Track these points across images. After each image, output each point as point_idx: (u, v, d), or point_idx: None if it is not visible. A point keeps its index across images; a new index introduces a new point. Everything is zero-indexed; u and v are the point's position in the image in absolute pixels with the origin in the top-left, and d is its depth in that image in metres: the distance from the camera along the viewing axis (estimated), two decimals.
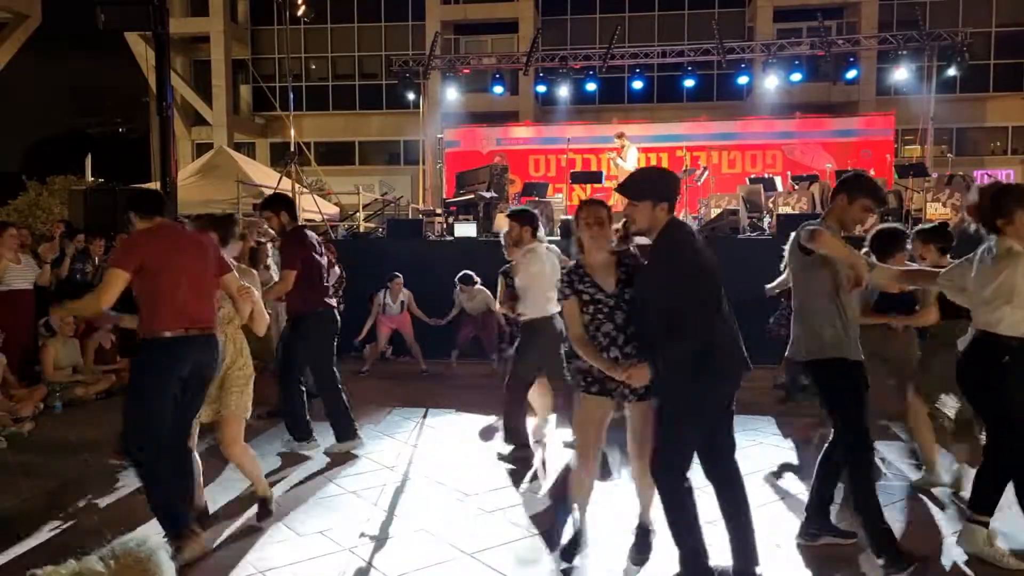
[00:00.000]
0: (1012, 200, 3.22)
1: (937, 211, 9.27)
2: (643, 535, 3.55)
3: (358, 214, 12.89)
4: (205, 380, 3.62)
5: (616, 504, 4.08)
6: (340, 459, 5.12)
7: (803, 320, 3.51)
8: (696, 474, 3.24)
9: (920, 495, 4.39)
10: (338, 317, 5.40)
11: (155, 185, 10.71)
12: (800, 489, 4.51)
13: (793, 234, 3.49)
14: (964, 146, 23.36)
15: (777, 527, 3.94)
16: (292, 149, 12.64)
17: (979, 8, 23.07)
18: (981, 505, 3.43)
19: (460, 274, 7.98)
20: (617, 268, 3.29)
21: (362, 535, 3.85)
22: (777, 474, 4.85)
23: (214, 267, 3.64)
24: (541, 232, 5.10)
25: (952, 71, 14.37)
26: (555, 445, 5.43)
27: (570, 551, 3.51)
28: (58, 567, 1.23)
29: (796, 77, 14.48)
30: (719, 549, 3.28)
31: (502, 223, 6.68)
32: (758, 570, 3.16)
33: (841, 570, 3.44)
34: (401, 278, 8.24)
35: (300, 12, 13.86)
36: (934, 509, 4.20)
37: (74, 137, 35.26)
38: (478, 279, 7.94)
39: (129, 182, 14.33)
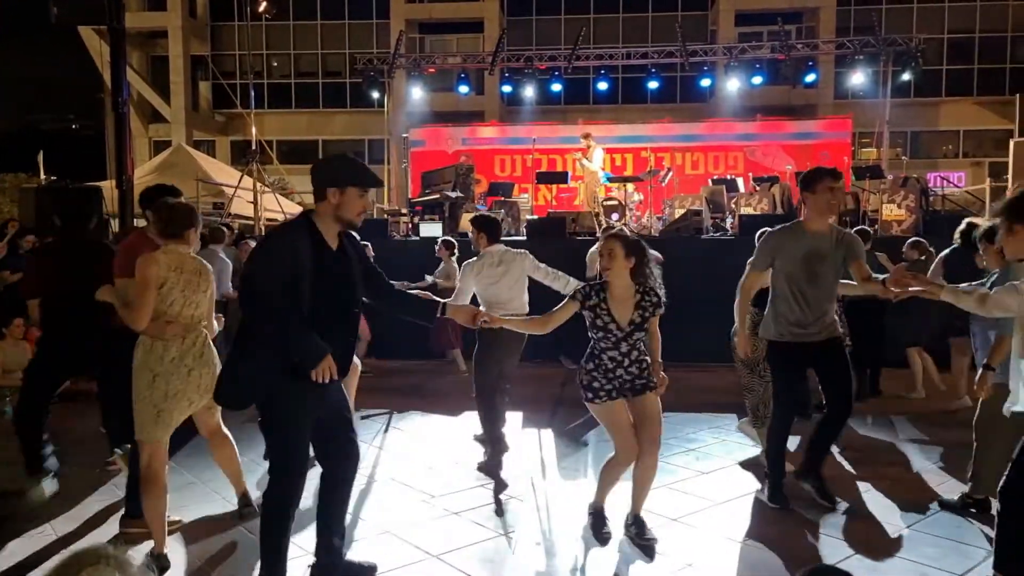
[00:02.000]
0: None
1: (892, 212, 9.50)
2: (639, 525, 3.69)
3: None
4: None
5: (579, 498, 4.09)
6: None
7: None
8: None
9: None
10: None
11: (110, 183, 10.44)
12: (760, 485, 4.58)
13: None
14: (918, 149, 24.04)
15: (737, 523, 3.99)
16: (253, 147, 12.43)
17: (932, 15, 23.76)
18: None
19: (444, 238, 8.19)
20: (635, 308, 3.52)
21: None
22: (739, 471, 4.91)
23: None
24: (510, 242, 5.15)
25: (906, 76, 14.75)
26: (521, 447, 5.44)
27: (601, 534, 3.71)
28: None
29: (757, 80, 14.72)
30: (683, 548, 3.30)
31: (467, 223, 6.69)
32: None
33: (799, 565, 3.50)
34: None
35: (261, 8, 13.65)
36: None
37: (26, 133, 34.23)
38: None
39: (84, 180, 13.95)
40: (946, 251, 5.74)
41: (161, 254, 3.41)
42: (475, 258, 5.08)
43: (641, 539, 3.64)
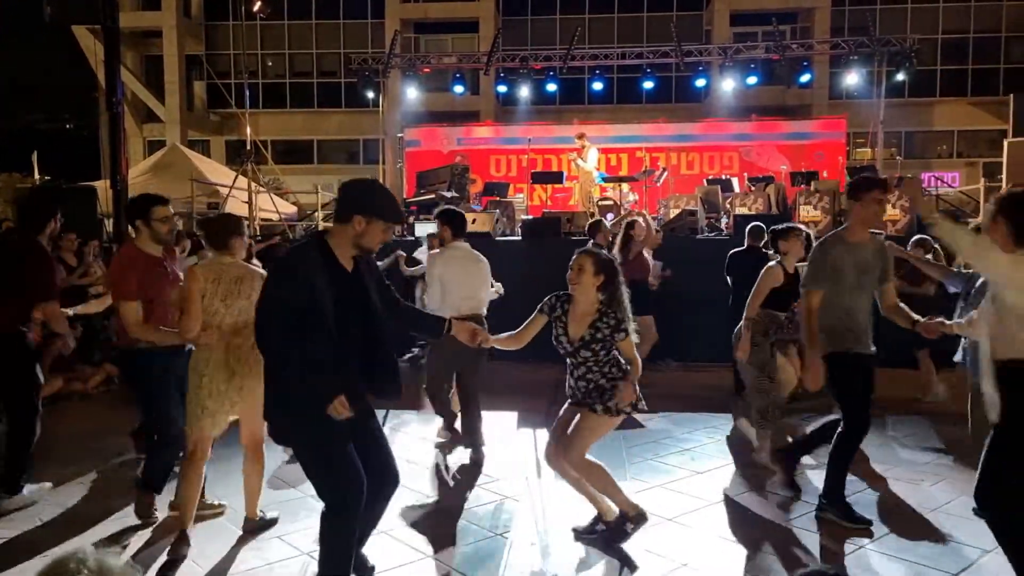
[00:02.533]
0: None
1: (887, 212, 9.53)
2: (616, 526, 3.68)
3: (317, 213, 12.73)
4: None
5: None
6: (297, 463, 5.03)
7: None
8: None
9: None
10: None
11: (105, 183, 10.41)
12: (755, 486, 4.59)
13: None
14: (912, 149, 24.12)
15: (734, 523, 4.00)
16: (248, 147, 12.41)
17: (926, 16, 23.83)
18: None
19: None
20: (590, 326, 3.45)
21: None
22: (734, 471, 4.92)
23: None
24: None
25: (901, 76, 14.79)
26: (516, 448, 5.43)
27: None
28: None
29: (752, 80, 14.75)
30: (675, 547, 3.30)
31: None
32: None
33: (793, 565, 3.51)
34: None
35: (256, 8, 13.60)
36: None
37: (20, 133, 34.09)
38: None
39: (78, 180, 13.94)
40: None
41: (199, 268, 3.65)
42: (440, 249, 5.22)
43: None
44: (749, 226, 6.82)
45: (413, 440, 5.70)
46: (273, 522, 3.90)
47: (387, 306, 3.03)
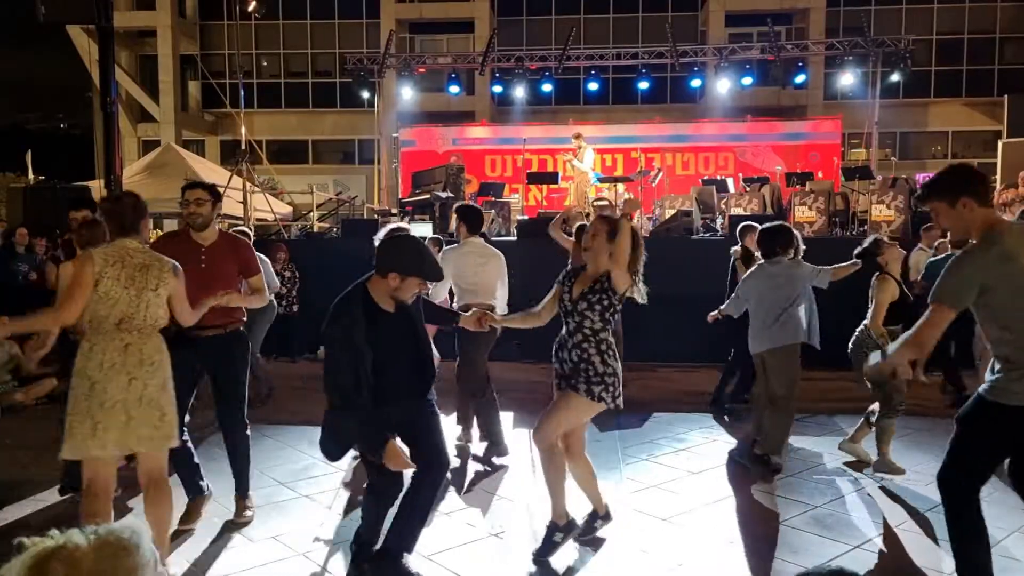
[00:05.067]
0: None
1: (882, 213, 9.56)
2: (547, 533, 3.60)
3: (312, 214, 12.70)
4: None
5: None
6: (293, 463, 5.03)
7: None
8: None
9: None
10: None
11: (99, 183, 10.38)
12: (751, 486, 4.59)
13: None
14: (907, 150, 24.15)
15: (730, 523, 4.00)
16: (243, 147, 12.37)
17: (921, 17, 23.89)
18: None
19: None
20: (590, 284, 3.45)
21: (316, 539, 3.79)
22: (729, 471, 4.92)
23: None
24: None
25: (896, 77, 14.83)
26: (512, 447, 5.43)
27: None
28: (43, 538, 1.19)
29: (747, 81, 14.78)
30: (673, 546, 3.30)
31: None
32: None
33: (789, 566, 3.51)
34: None
35: (251, 8, 13.56)
36: None
37: (14, 133, 33.95)
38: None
39: (72, 179, 13.89)
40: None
41: (98, 250, 3.15)
42: (455, 245, 5.26)
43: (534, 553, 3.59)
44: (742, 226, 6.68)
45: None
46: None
47: (427, 316, 3.45)
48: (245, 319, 4.02)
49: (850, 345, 4.88)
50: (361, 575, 3.30)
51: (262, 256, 5.13)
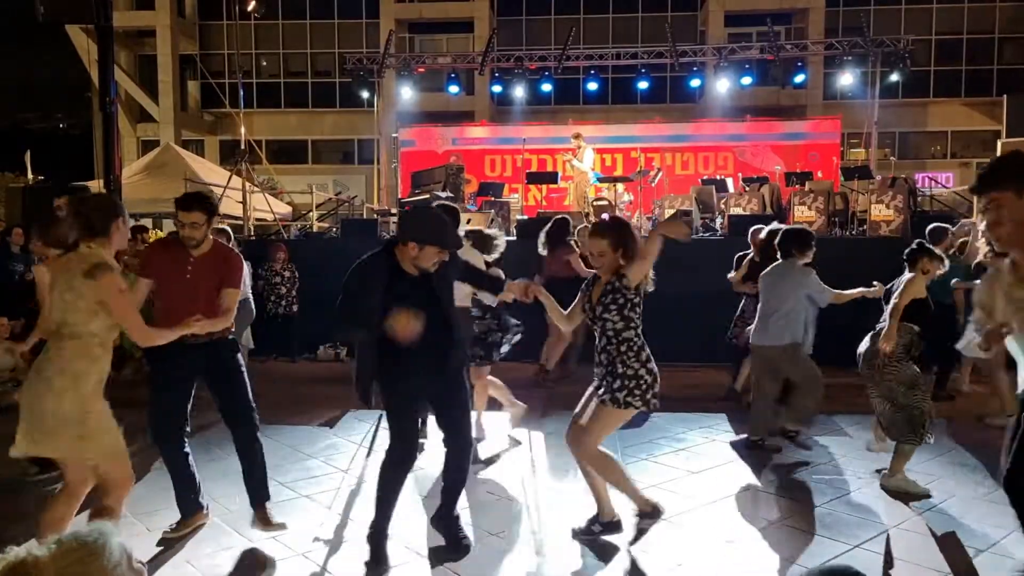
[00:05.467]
0: None
1: (881, 213, 9.56)
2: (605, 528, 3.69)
3: (311, 214, 12.69)
4: None
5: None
6: (293, 463, 5.03)
7: None
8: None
9: None
10: None
11: (98, 183, 10.37)
12: (750, 486, 4.59)
13: None
14: (906, 150, 24.16)
15: (729, 523, 4.00)
16: (243, 147, 12.37)
17: (920, 17, 23.90)
18: None
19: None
20: (603, 293, 3.49)
21: (316, 539, 3.78)
22: (729, 471, 4.92)
23: None
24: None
25: (895, 77, 14.84)
26: (512, 448, 5.43)
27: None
28: (3, 555, 1.17)
29: (747, 81, 14.77)
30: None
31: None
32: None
33: (788, 565, 3.51)
34: None
35: (250, 7, 13.57)
36: None
37: (13, 132, 33.93)
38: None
39: (71, 179, 13.87)
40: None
41: (55, 260, 3.14)
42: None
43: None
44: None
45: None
46: None
47: (469, 278, 3.67)
48: (232, 327, 3.86)
49: (861, 355, 4.66)
50: (379, 569, 3.37)
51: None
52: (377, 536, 3.46)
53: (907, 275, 4.64)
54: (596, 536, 3.70)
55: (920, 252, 4.65)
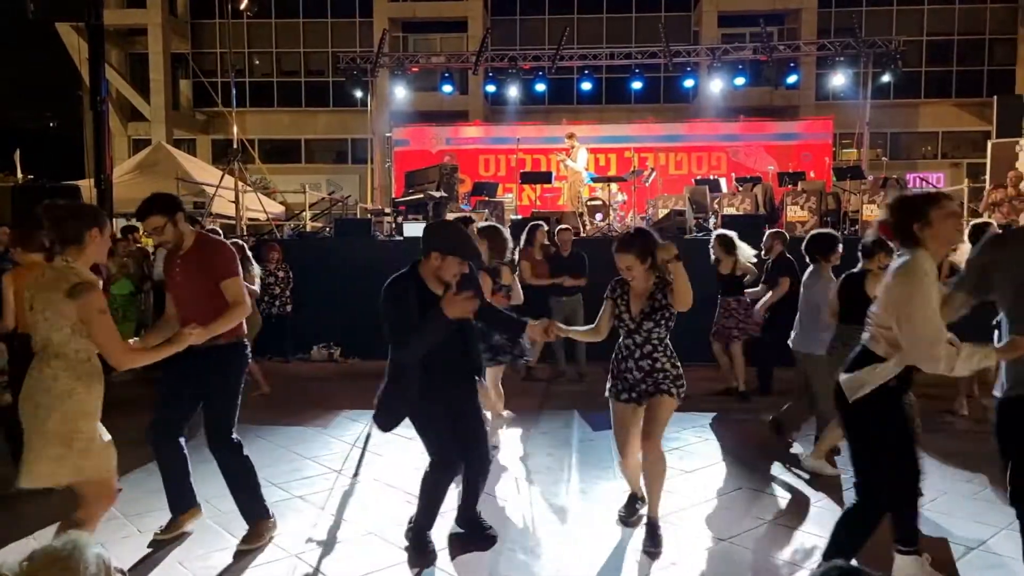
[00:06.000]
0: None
1: (873, 212, 9.59)
2: (651, 529, 3.69)
3: (304, 213, 12.66)
4: None
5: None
6: (286, 464, 5.01)
7: None
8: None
9: None
10: None
11: (89, 183, 10.31)
12: (744, 485, 4.60)
13: None
14: (898, 150, 24.28)
15: (721, 522, 4.01)
16: (235, 146, 12.32)
17: (911, 18, 24.01)
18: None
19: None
20: (648, 298, 3.63)
21: (309, 540, 3.77)
22: (722, 470, 4.93)
23: None
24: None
25: (886, 78, 14.90)
26: (505, 449, 5.43)
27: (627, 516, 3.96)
28: None
29: (740, 81, 14.82)
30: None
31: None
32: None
33: (781, 564, 3.51)
34: None
35: (243, 6, 13.49)
36: None
37: (2, 131, 33.69)
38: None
39: (62, 179, 13.78)
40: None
41: (25, 269, 3.06)
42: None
43: (645, 546, 3.64)
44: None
45: (400, 440, 5.66)
46: None
47: (480, 316, 3.69)
48: (245, 330, 3.73)
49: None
50: (425, 561, 3.47)
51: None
52: (422, 534, 3.57)
53: (859, 268, 4.65)
54: (638, 521, 3.81)
55: (879, 246, 4.74)
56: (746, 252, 6.86)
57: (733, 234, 6.97)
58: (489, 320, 3.76)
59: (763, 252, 6.97)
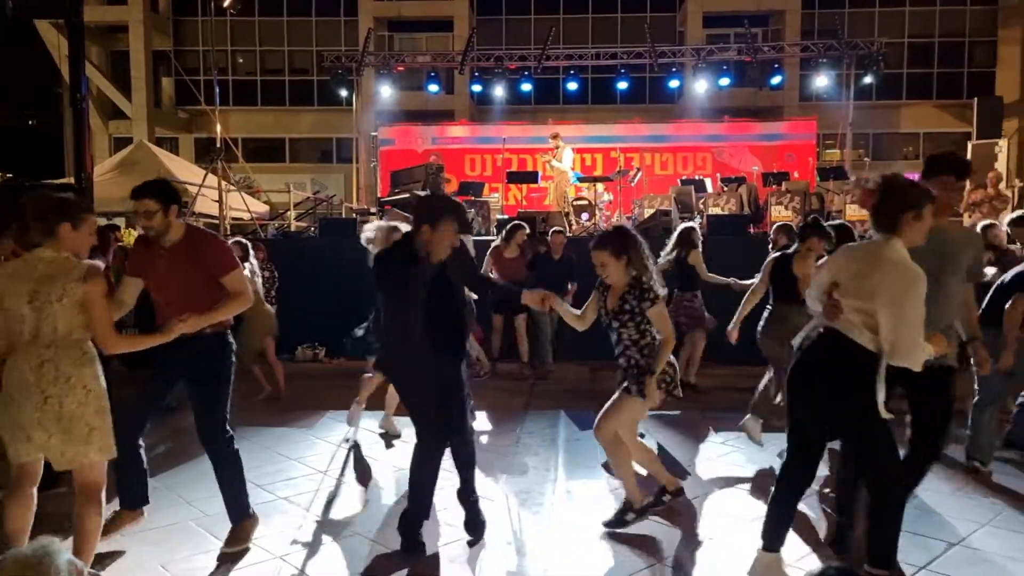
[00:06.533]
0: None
1: (856, 212, 9.68)
2: (620, 511, 3.86)
3: (289, 213, 12.57)
4: None
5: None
6: (271, 465, 4.97)
7: None
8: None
9: None
10: None
11: (69, 181, 10.18)
12: (738, 484, 4.61)
13: None
14: (880, 151, 24.51)
15: (712, 519, 4.01)
16: (218, 145, 12.21)
17: (893, 20, 24.25)
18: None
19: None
20: (619, 298, 3.63)
21: (294, 542, 3.74)
22: (718, 469, 4.94)
23: None
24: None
25: (868, 79, 15.05)
26: (492, 448, 5.41)
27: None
28: None
29: (724, 82, 14.91)
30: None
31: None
32: None
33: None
34: None
35: (226, 3, 13.38)
36: None
37: None
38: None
39: (41, 177, 13.60)
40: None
41: (4, 267, 3.08)
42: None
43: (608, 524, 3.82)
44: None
45: (386, 439, 5.64)
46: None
47: (472, 284, 3.83)
48: (230, 322, 3.66)
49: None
50: (414, 550, 3.51)
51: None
52: (413, 528, 3.57)
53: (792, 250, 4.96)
54: (628, 525, 3.82)
55: (814, 231, 4.96)
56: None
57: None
58: (484, 288, 3.84)
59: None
